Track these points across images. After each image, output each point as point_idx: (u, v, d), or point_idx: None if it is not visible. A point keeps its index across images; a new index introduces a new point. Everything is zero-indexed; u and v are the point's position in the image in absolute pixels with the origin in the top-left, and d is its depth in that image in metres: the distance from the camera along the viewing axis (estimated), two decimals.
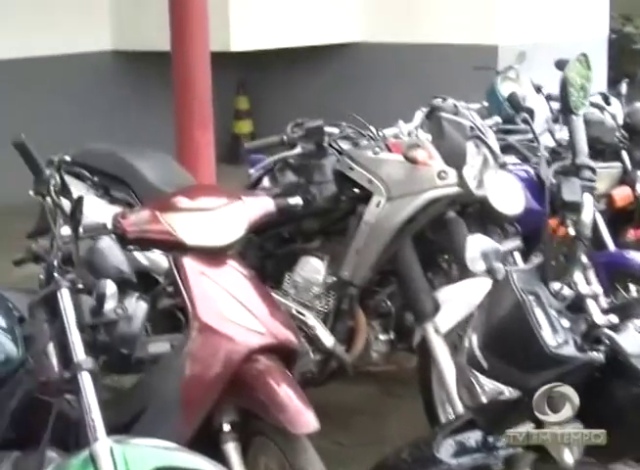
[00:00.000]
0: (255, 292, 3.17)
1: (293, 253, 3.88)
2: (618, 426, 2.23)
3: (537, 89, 5.01)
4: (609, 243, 4.29)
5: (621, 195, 4.48)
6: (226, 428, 2.86)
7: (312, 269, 3.79)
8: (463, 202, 3.71)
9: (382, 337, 3.93)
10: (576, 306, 2.36)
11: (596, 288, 2.39)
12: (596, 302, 2.35)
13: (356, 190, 3.70)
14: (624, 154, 4.54)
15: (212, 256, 3.18)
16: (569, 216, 2.47)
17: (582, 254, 2.41)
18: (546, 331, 2.23)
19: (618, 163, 4.52)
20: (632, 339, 2.25)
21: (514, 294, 2.27)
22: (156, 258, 3.85)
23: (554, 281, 2.37)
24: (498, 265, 2.44)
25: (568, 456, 2.24)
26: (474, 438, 2.42)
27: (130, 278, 3.05)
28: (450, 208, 3.70)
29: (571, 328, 2.30)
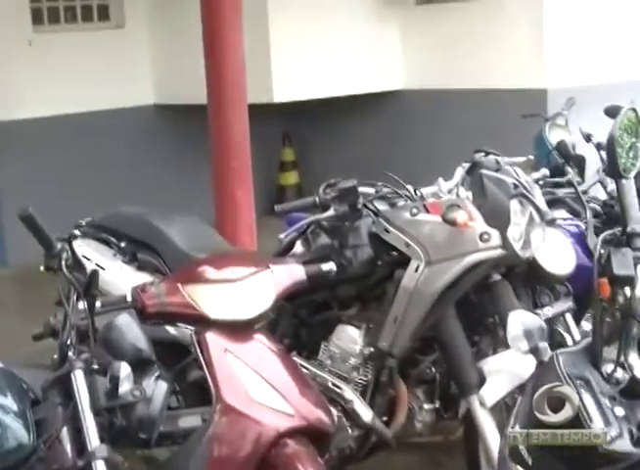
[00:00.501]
0: (284, 369, 2.97)
1: (328, 321, 3.66)
2: None
3: (587, 138, 4.75)
4: None
5: None
6: None
7: (349, 339, 3.56)
8: (508, 264, 3.47)
9: (426, 406, 3.70)
10: (632, 392, 2.12)
11: None
12: None
13: (394, 253, 3.48)
14: None
15: (238, 330, 3.00)
16: (620, 292, 2.22)
17: (637, 332, 2.16)
18: (597, 423, 1.99)
19: None
20: None
21: (560, 380, 2.04)
22: (185, 328, 3.67)
23: (606, 362, 2.13)
24: (543, 345, 2.22)
25: None
26: None
27: (150, 357, 2.87)
28: (495, 270, 3.46)
29: (627, 417, 2.07)
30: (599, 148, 4.62)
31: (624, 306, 2.18)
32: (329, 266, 3.36)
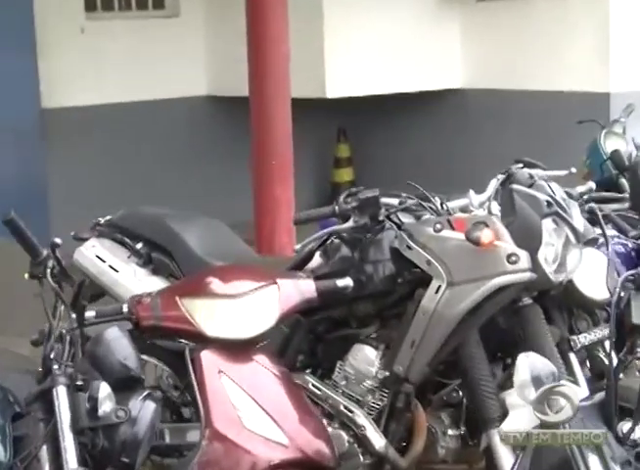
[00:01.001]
0: (284, 394, 2.77)
1: (346, 338, 3.41)
2: None
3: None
4: None
5: None
6: None
7: (365, 360, 3.32)
8: (539, 288, 3.20)
9: (451, 432, 3.45)
10: None
11: None
12: None
13: (416, 271, 3.22)
14: None
15: (236, 349, 2.79)
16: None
17: None
18: None
19: None
20: None
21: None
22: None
23: (622, 421, 1.86)
24: None
25: None
26: None
27: (138, 375, 2.68)
28: (526, 293, 3.19)
29: None
30: None
31: None
32: (345, 282, 3.14)
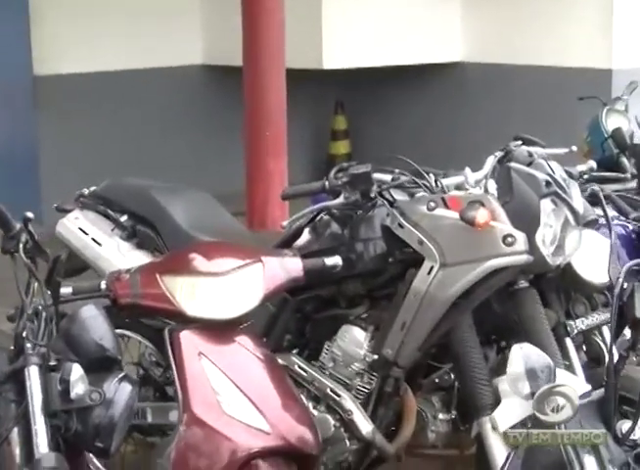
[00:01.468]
0: (267, 378, 2.65)
1: (334, 319, 3.29)
2: None
3: None
4: None
5: None
6: None
7: (353, 341, 3.20)
8: (535, 271, 3.07)
9: (442, 416, 3.35)
10: None
11: None
12: None
13: (409, 250, 3.10)
14: None
15: (218, 330, 2.67)
16: None
17: None
18: None
19: None
20: None
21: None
22: None
23: (621, 419, 1.75)
24: None
25: None
26: None
27: (115, 356, 2.56)
28: (521, 276, 3.07)
29: None
30: None
31: None
32: (333, 261, 3.01)
